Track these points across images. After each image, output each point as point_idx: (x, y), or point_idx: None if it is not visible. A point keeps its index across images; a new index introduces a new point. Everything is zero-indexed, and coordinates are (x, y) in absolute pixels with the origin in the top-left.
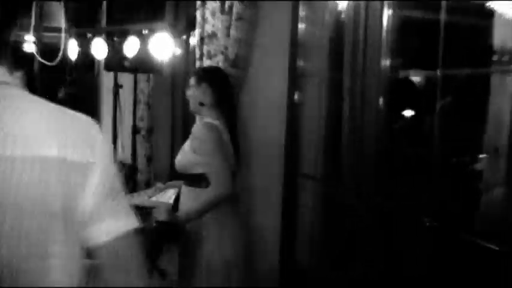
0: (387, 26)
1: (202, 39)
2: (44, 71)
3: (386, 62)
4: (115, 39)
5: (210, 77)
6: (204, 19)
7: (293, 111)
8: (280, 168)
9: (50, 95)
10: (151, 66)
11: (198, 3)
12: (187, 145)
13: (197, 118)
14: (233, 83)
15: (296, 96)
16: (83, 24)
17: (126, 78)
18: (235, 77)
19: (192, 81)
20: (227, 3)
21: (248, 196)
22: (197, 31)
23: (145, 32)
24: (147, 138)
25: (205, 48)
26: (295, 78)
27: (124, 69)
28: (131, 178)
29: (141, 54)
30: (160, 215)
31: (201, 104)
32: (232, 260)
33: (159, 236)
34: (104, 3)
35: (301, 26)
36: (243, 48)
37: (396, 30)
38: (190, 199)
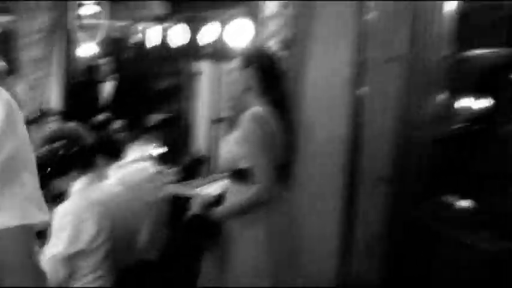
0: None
1: (263, 22)
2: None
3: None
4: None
5: (256, 58)
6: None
7: (357, 104)
8: (341, 167)
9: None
10: (231, 54)
11: None
12: (232, 136)
13: (242, 106)
14: (285, 66)
15: (360, 89)
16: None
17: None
18: (288, 60)
19: (236, 64)
20: None
21: (302, 195)
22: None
23: (224, 17)
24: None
25: (265, 30)
26: (360, 70)
27: (203, 57)
28: (202, 168)
29: (220, 41)
30: (194, 207)
31: (247, 90)
32: (275, 265)
33: (189, 230)
34: None
35: (366, 15)
36: (298, 29)
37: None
38: (235, 196)
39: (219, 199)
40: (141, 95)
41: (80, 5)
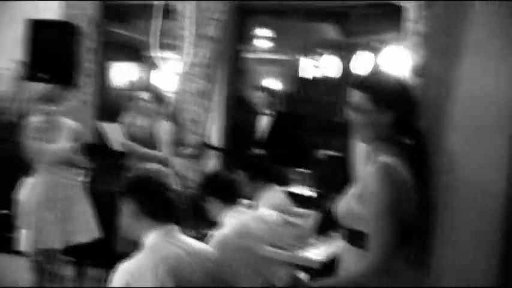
0: None
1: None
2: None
3: None
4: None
5: (398, 97)
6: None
7: None
8: (496, 232)
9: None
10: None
11: None
12: (353, 190)
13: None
14: (421, 99)
15: None
16: None
17: None
18: (424, 91)
19: (357, 98)
20: None
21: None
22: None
23: (376, 44)
24: None
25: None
26: None
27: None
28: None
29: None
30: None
31: (376, 133)
32: None
33: None
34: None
35: None
36: (434, 51)
37: None
38: (350, 261)
39: (328, 265)
40: (297, 132)
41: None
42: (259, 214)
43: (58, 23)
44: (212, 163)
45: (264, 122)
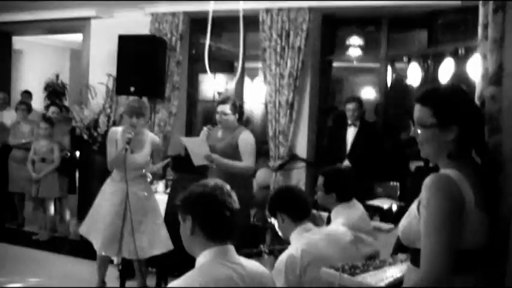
0: None
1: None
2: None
3: None
4: (429, 62)
5: (448, 105)
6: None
7: None
8: None
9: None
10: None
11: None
12: (414, 205)
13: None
14: (491, 112)
15: None
16: None
17: None
18: (495, 101)
19: (420, 112)
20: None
21: None
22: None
23: (461, 52)
24: None
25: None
26: None
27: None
28: None
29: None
30: None
31: (440, 149)
32: None
33: None
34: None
35: None
36: (507, 55)
37: None
38: (411, 284)
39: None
40: (386, 142)
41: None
42: (331, 232)
43: (148, 37)
44: (299, 175)
45: (352, 134)
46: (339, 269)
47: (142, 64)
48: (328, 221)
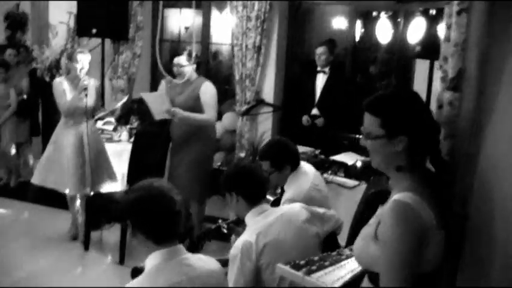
0: None
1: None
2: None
3: None
4: (399, 20)
5: (396, 114)
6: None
7: None
8: None
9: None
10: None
11: None
12: (369, 227)
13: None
14: (448, 117)
15: None
16: None
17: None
18: (453, 108)
19: (368, 122)
20: None
21: None
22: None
23: (432, 12)
24: None
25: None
26: None
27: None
28: None
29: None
30: None
31: (390, 160)
32: None
33: None
34: None
35: None
36: (469, 59)
37: None
38: None
39: None
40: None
41: None
42: (285, 213)
43: None
44: (266, 120)
45: (322, 81)
46: (295, 265)
47: (104, 4)
48: (282, 191)
